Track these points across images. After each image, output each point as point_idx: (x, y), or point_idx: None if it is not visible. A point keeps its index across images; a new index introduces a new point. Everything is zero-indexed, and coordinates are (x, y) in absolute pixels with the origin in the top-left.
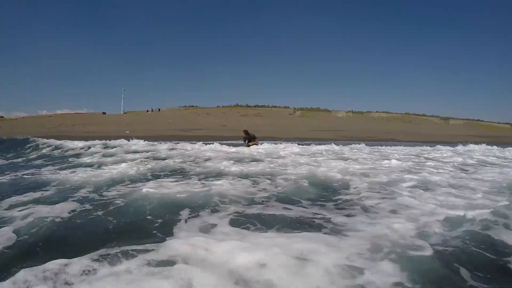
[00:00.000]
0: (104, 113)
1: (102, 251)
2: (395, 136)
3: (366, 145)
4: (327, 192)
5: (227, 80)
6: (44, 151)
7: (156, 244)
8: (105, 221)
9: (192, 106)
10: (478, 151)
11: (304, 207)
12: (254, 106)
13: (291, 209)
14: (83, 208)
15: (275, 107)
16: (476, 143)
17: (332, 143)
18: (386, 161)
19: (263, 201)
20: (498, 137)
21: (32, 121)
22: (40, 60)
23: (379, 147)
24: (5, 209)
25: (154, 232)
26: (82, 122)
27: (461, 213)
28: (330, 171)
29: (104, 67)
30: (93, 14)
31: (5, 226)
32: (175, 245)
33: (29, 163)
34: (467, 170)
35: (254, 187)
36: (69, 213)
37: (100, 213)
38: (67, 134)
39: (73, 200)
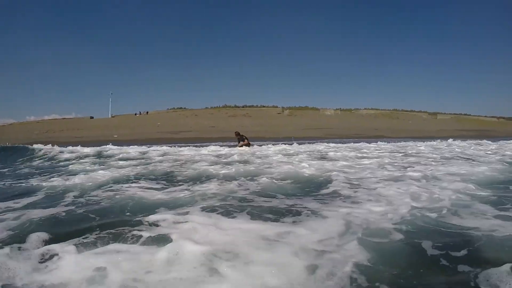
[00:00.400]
0: (92, 117)
1: (89, 235)
2: (383, 133)
3: (354, 142)
4: (305, 187)
5: (216, 80)
6: (37, 161)
7: (137, 225)
8: (92, 215)
9: (181, 108)
10: (458, 145)
11: (281, 199)
12: (243, 106)
13: (269, 200)
14: (72, 206)
15: (264, 106)
16: (462, 138)
17: (318, 142)
18: (366, 159)
19: (244, 195)
20: (485, 130)
21: (20, 127)
22: (25, 65)
23: (365, 144)
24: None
25: (135, 218)
26: (70, 127)
27: (424, 203)
28: (311, 169)
29: (91, 71)
30: (78, 17)
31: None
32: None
33: (28, 170)
34: (443, 164)
35: (238, 185)
36: (62, 209)
37: (85, 210)
38: (56, 140)
39: (66, 200)
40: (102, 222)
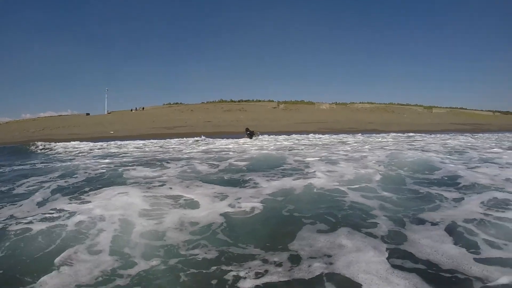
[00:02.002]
0: (88, 114)
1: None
2: (376, 126)
3: (335, 134)
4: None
5: (213, 76)
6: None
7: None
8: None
9: (177, 103)
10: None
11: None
12: (239, 101)
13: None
14: (83, 177)
15: (259, 101)
16: (455, 132)
17: (293, 134)
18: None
19: (214, 170)
20: (479, 124)
21: (16, 125)
22: (20, 63)
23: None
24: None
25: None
26: (67, 124)
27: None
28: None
29: (86, 67)
30: (73, 13)
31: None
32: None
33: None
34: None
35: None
36: (78, 179)
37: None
38: (52, 138)
39: (79, 173)
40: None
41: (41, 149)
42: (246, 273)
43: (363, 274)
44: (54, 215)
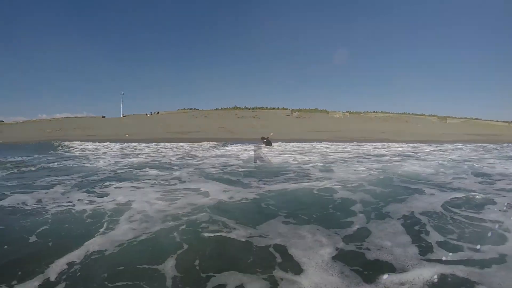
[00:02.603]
0: (103, 116)
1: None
2: (389, 136)
3: (344, 143)
4: (269, 171)
5: (228, 82)
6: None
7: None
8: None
9: (191, 108)
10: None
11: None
12: (253, 108)
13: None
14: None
15: (273, 108)
16: (468, 142)
17: (304, 143)
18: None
19: (224, 171)
20: (494, 135)
21: (32, 125)
22: (37, 64)
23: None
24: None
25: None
26: (82, 126)
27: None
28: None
29: (104, 70)
30: (91, 16)
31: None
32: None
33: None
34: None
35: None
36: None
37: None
38: (68, 138)
39: (100, 172)
40: (119, 178)
41: (61, 149)
42: (219, 229)
43: (305, 259)
44: (91, 201)
